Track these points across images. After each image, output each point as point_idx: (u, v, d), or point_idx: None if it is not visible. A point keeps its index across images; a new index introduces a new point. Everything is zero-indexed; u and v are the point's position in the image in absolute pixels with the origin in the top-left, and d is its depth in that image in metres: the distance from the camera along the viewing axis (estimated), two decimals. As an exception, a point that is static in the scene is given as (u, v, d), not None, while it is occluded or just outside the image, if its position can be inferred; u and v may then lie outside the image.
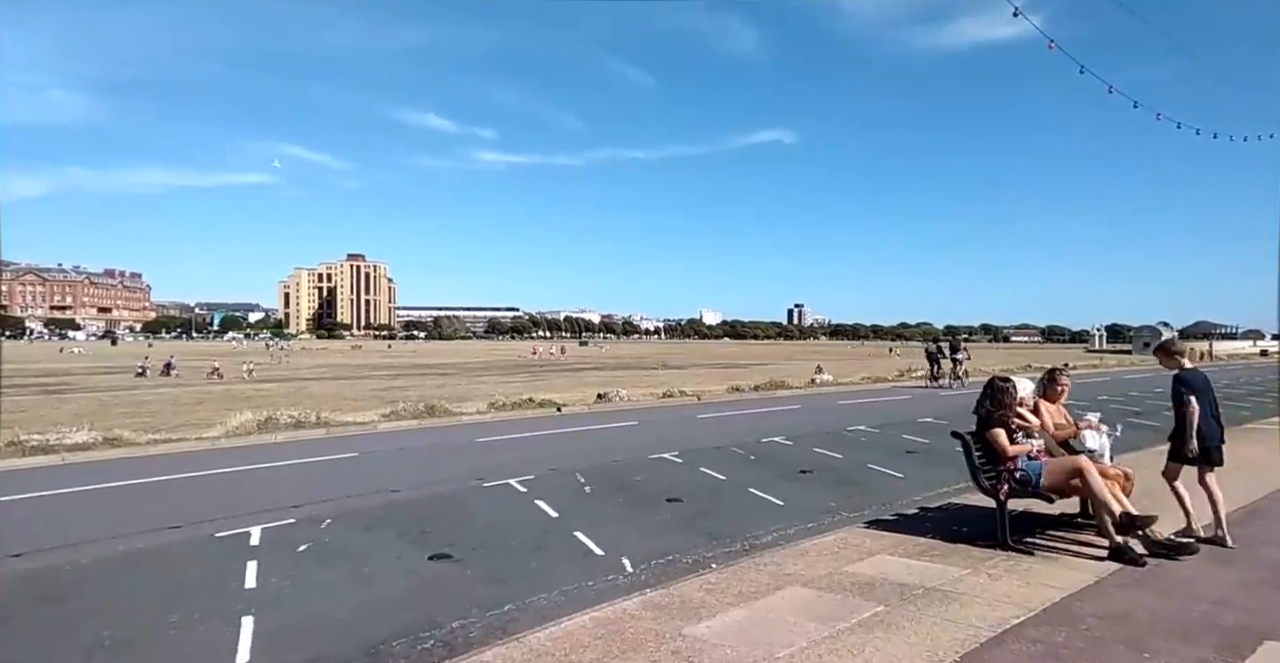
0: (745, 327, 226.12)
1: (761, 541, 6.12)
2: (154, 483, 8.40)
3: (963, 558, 5.06)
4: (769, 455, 10.13)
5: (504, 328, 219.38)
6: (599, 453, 10.40)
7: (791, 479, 8.56)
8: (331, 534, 6.09)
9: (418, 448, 11.07)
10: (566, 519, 6.67)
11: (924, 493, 7.88)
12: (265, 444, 11.63)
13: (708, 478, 8.60)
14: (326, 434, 12.72)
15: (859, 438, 11.85)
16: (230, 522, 6.41)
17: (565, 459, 9.83)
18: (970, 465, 5.52)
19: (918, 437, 11.90)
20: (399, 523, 6.48)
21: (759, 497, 7.65)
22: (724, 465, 9.33)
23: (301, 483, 8.30)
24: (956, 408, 16.56)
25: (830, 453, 10.28)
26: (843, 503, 7.41)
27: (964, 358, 25.30)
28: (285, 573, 5.05)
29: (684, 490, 7.90)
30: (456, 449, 11.05)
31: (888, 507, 7.23)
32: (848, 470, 9.07)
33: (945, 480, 8.51)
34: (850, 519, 6.78)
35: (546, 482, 8.35)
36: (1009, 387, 5.58)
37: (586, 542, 5.95)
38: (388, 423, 13.95)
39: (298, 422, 12.97)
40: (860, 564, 4.98)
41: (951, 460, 10.02)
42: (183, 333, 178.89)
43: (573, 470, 9.01)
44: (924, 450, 10.59)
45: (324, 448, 11.05)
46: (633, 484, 8.22)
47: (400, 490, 7.88)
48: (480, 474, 8.75)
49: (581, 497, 7.63)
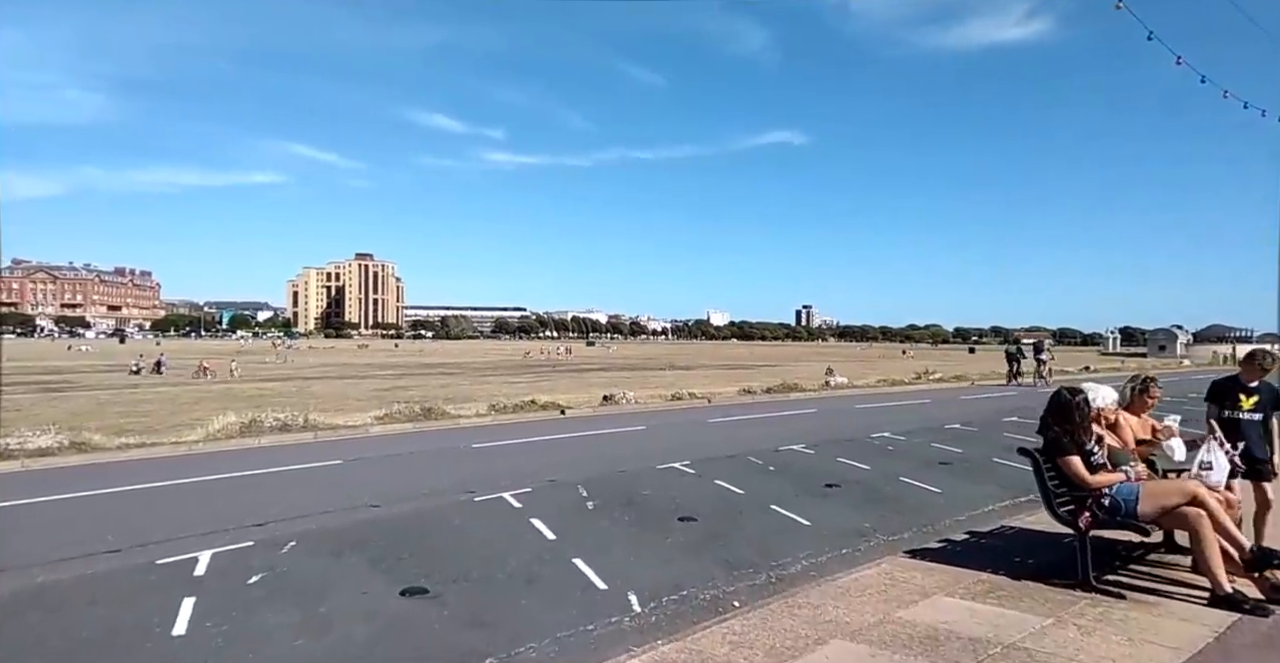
0: (753, 328, 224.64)
1: (789, 571, 5.28)
2: (109, 495, 7.62)
3: (1038, 601, 4.20)
4: (788, 466, 9.26)
5: (511, 328, 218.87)
6: (604, 461, 9.57)
7: (816, 494, 7.70)
8: (292, 561, 5.27)
9: (408, 455, 10.27)
10: (565, 542, 5.84)
11: (967, 512, 7.01)
12: (246, 449, 10.87)
13: (723, 492, 7.75)
14: (314, 438, 11.94)
15: (885, 446, 10.96)
16: (179, 545, 5.61)
17: (567, 469, 9.00)
18: (1042, 489, 4.66)
19: (948, 445, 11.00)
20: (373, 547, 5.66)
21: (781, 515, 6.80)
22: (740, 477, 8.48)
23: (273, 495, 7.50)
24: (982, 412, 15.66)
25: (856, 463, 9.41)
26: (877, 524, 6.55)
27: (1048, 358, 26.27)
28: (226, 614, 4.23)
29: (697, 507, 7.06)
30: (450, 456, 10.24)
31: (930, 530, 6.36)
32: (878, 484, 8.20)
33: (987, 497, 7.65)
34: (888, 545, 5.93)
35: (545, 496, 7.53)
36: (1079, 401, 4.66)
37: (587, 572, 5.12)
38: (381, 426, 13.17)
39: (284, 424, 12.21)
40: (915, 608, 4.13)
41: (991, 473, 9.18)
42: (192, 331, 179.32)
43: (574, 482, 8.18)
44: (958, 461, 9.70)
45: (308, 454, 10.26)
46: (640, 499, 7.38)
47: (381, 505, 7.07)
48: (472, 486, 7.94)
49: (583, 514, 6.80)
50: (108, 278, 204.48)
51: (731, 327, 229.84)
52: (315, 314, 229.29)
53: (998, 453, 10.33)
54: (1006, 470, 9.11)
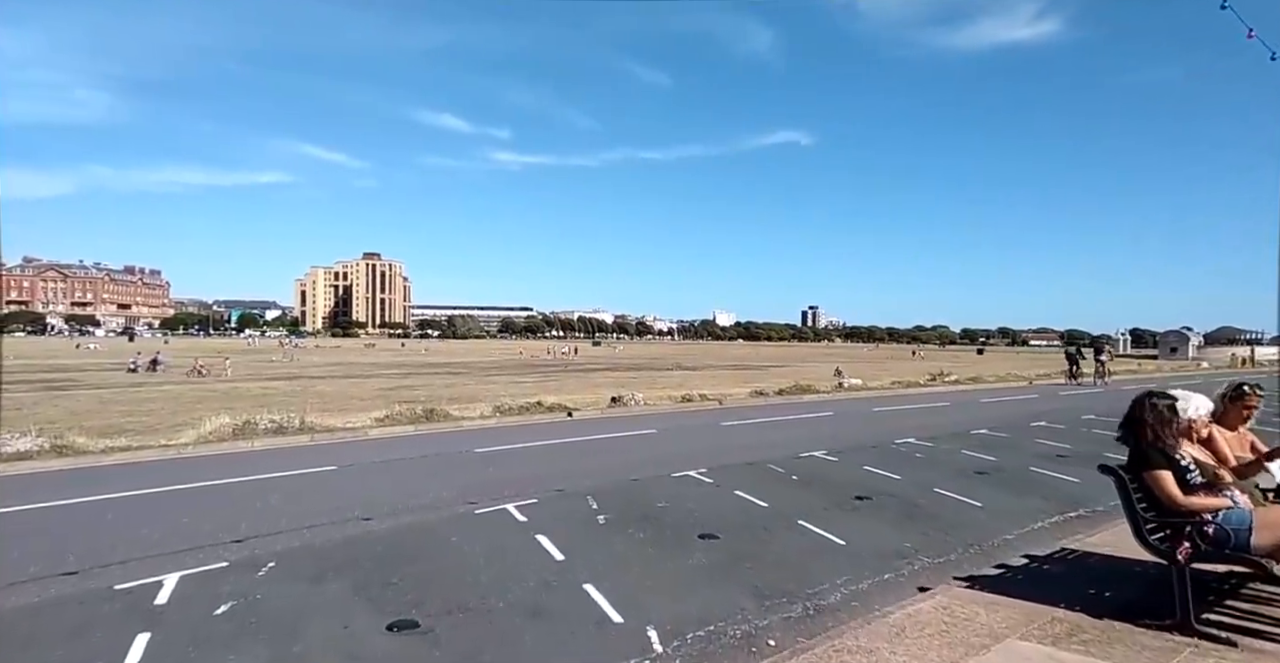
0: (759, 328, 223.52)
1: (828, 600, 4.67)
2: (81, 506, 7.07)
3: (1132, 648, 3.57)
4: (813, 475, 8.64)
5: (517, 327, 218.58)
6: (614, 469, 8.97)
7: (847, 508, 7.08)
8: (268, 587, 4.69)
9: (407, 460, 9.70)
10: (575, 564, 5.24)
11: (1015, 530, 6.37)
12: (238, 453, 10.32)
13: (745, 505, 7.14)
14: (310, 441, 11.40)
15: (913, 454, 10.31)
16: (144, 566, 5.05)
17: (575, 477, 8.41)
18: (1129, 513, 4.01)
19: (980, 453, 10.35)
20: (360, 568, 5.08)
21: (812, 533, 6.18)
22: (762, 488, 7.87)
23: (258, 506, 6.93)
24: (1006, 416, 14.98)
25: (884, 473, 8.78)
26: (918, 544, 5.92)
27: (1106, 359, 27.64)
28: (182, 655, 3.66)
29: (719, 522, 6.45)
30: (451, 462, 9.67)
31: (979, 551, 5.73)
32: (912, 497, 7.57)
33: (1033, 512, 7.00)
34: (934, 569, 5.31)
35: (552, 508, 6.93)
36: (1167, 408, 3.99)
37: (600, 601, 4.53)
38: (380, 428, 12.62)
39: (279, 426, 11.67)
40: (987, 656, 3.51)
41: (1032, 484, 8.36)
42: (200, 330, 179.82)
43: (584, 492, 7.59)
44: (994, 471, 9.05)
45: (301, 459, 9.71)
46: (655, 513, 6.78)
47: (373, 518, 6.49)
48: (474, 496, 7.36)
49: (593, 530, 6.20)
50: (117, 276, 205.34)
51: (737, 327, 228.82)
52: (323, 313, 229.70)
53: (1034, 461, 9.68)
54: (1048, 481, 8.46)
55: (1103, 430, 13.13)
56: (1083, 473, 8.93)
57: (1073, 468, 9.25)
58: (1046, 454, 10.32)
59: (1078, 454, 10.36)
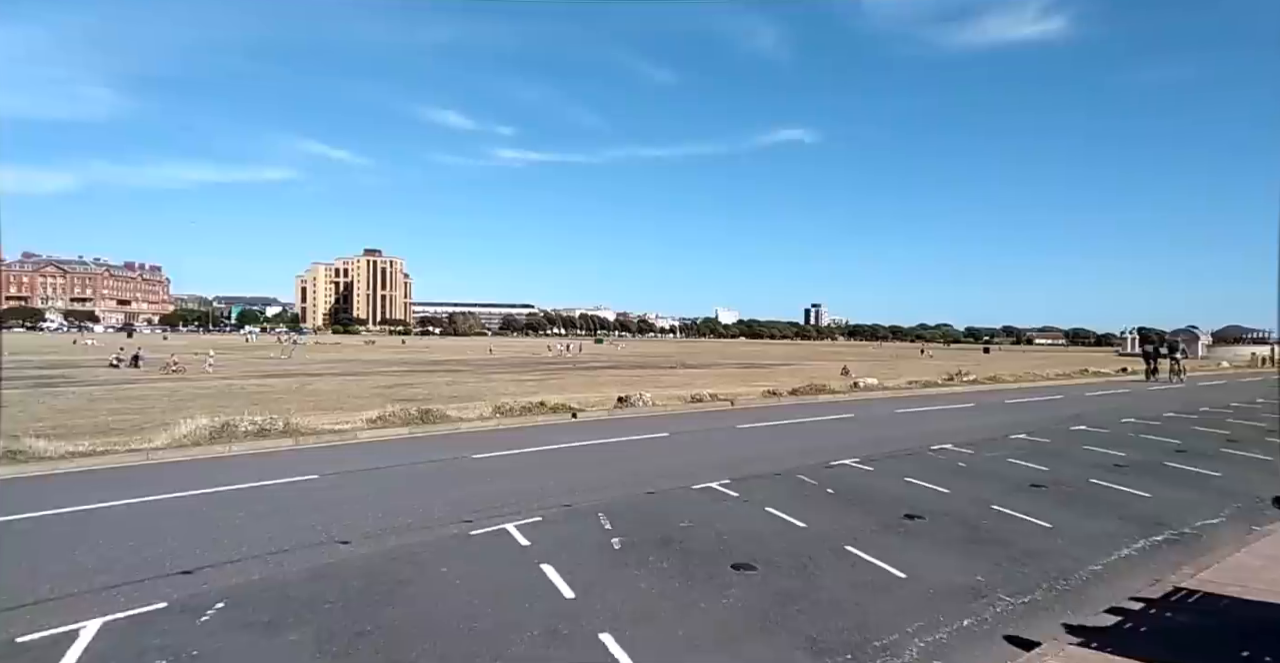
0: (761, 326, 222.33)
1: (903, 658, 3.75)
2: (17, 525, 6.15)
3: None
4: (851, 489, 7.72)
5: (519, 325, 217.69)
6: (627, 479, 8.06)
7: (898, 530, 6.15)
8: (208, 638, 3.78)
9: (398, 468, 8.78)
10: (588, 605, 4.33)
11: (1101, 560, 5.45)
12: (212, 458, 9.42)
13: (780, 525, 6.22)
14: (294, 445, 10.49)
15: (955, 463, 9.38)
16: (64, 608, 4.14)
17: (584, 489, 7.50)
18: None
19: (1028, 462, 9.41)
20: (327, 612, 4.17)
21: (865, 562, 5.26)
22: (795, 503, 6.95)
23: (219, 526, 6.02)
24: (1040, 419, 14.03)
25: (930, 485, 7.85)
26: (993, 577, 5.00)
27: (1181, 357, 28.66)
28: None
29: (753, 548, 5.53)
30: (447, 470, 8.75)
31: (1067, 588, 4.81)
32: (969, 516, 6.64)
33: (1113, 537, 6.07)
34: (1021, 611, 4.40)
35: (558, 528, 6.02)
36: None
37: (621, 658, 3.62)
38: (372, 431, 11.71)
39: (261, 428, 10.76)
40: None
41: (1098, 500, 7.36)
42: (200, 326, 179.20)
43: (594, 508, 6.68)
44: (1051, 484, 8.12)
45: (281, 465, 8.80)
46: (679, 535, 5.86)
47: (351, 541, 5.58)
48: (469, 512, 6.45)
49: (608, 558, 5.28)
50: (117, 272, 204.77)
51: (740, 325, 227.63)
52: (324, 310, 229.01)
53: (1091, 472, 8.75)
54: (1116, 497, 7.53)
55: (1150, 435, 12.21)
56: (1149, 486, 8.02)
57: (1137, 479, 8.33)
58: (1102, 464, 9.39)
59: (1136, 464, 9.43)
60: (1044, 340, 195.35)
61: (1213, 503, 7.32)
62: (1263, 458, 10.18)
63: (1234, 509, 7.11)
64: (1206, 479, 8.54)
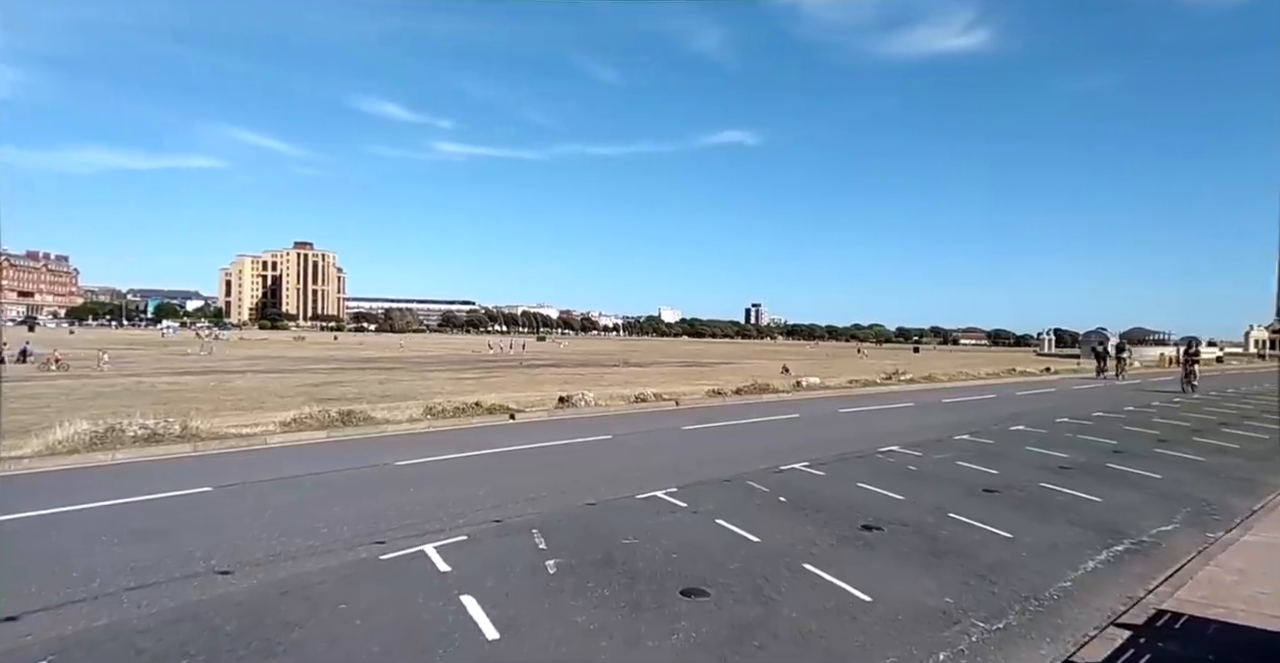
0: (704, 325, 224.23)
1: (879, 703, 3.25)
2: None
3: None
4: (803, 496, 7.28)
5: (459, 322, 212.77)
6: (566, 488, 7.40)
7: (857, 543, 5.72)
8: (14, 717, 2.95)
9: (307, 478, 7.86)
10: (513, 649, 3.68)
11: (1068, 573, 5.15)
12: (90, 468, 8.25)
13: (732, 540, 5.70)
14: (191, 451, 9.38)
15: (904, 466, 9.11)
16: None
17: (517, 500, 6.80)
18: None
19: (976, 464, 9.24)
20: (187, 668, 3.37)
21: (826, 583, 4.78)
22: (747, 514, 6.45)
23: (69, 556, 5.05)
24: (980, 419, 14.06)
25: (883, 492, 7.51)
26: (963, 598, 4.60)
27: (1127, 356, 31.24)
28: None
29: (705, 568, 4.98)
30: (364, 480, 7.88)
31: (1041, 607, 4.46)
32: (927, 525, 6.29)
33: (1074, 546, 5.82)
34: (997, 637, 3.99)
35: (486, 548, 5.32)
36: None
37: (551, 721, 2.98)
38: (284, 434, 10.65)
39: (153, 433, 9.58)
40: None
41: (1050, 505, 7.08)
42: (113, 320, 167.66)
43: (527, 523, 6.00)
44: (1003, 488, 7.90)
45: (170, 477, 7.75)
46: (622, 553, 5.26)
47: (234, 571, 4.73)
48: (383, 531, 5.67)
49: (540, 584, 4.62)
50: (18, 262, 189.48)
51: (683, 324, 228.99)
52: (250, 304, 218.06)
53: (1040, 475, 8.62)
54: (1068, 502, 7.35)
55: (1086, 435, 12.36)
56: (1097, 489, 7.91)
57: (1084, 482, 8.22)
58: (1048, 465, 9.31)
59: (1080, 465, 9.39)
60: (968, 341, 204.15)
61: (1162, 508, 7.22)
62: (1194, 458, 10.35)
63: (1184, 514, 7.01)
64: (1149, 482, 8.52)
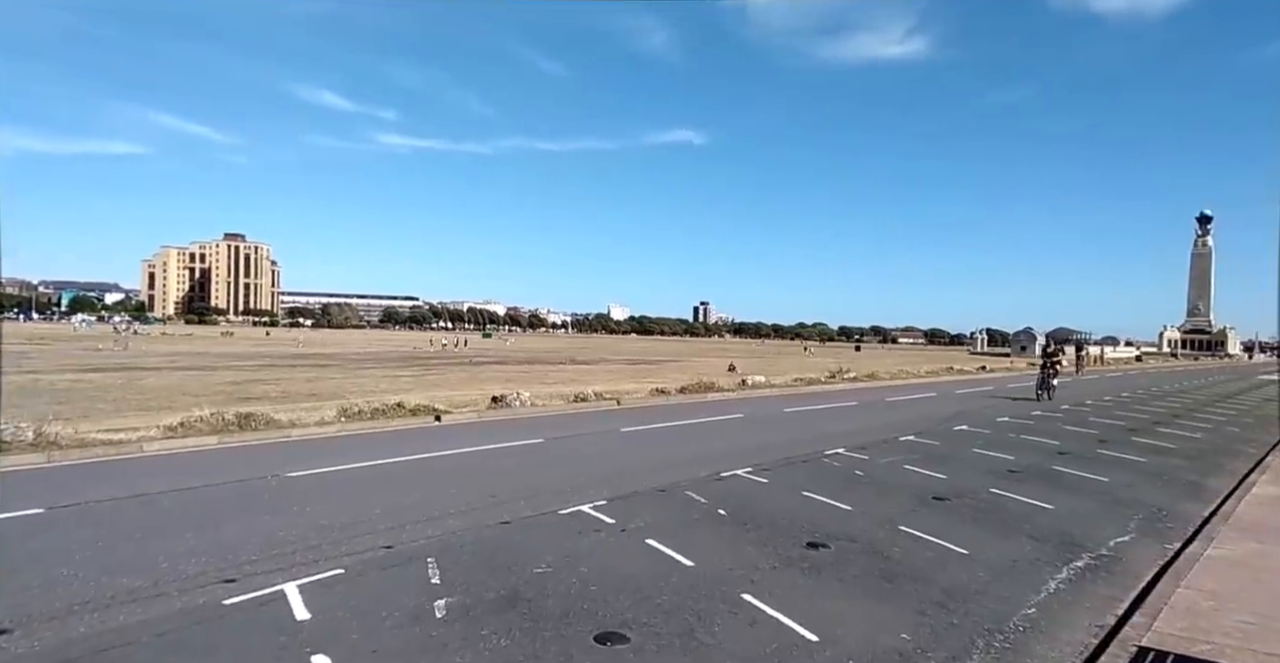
0: (653, 323, 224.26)
1: None
2: None
3: None
4: (745, 508, 6.61)
5: (402, 318, 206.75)
6: (478, 502, 6.53)
7: (801, 565, 5.06)
8: None
9: (171, 495, 6.73)
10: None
11: (1030, 597, 4.61)
12: (-94, 486, 6.91)
13: (663, 565, 4.95)
14: (45, 462, 8.09)
15: (851, 471, 8.58)
16: None
17: (416, 520, 5.90)
18: None
19: (924, 469, 8.79)
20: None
21: (767, 618, 4.09)
22: (682, 532, 5.73)
23: None
24: (923, 418, 13.80)
25: (830, 501, 6.91)
26: (920, 633, 3.98)
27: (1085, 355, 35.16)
28: None
29: (627, 604, 4.22)
30: (242, 496, 6.81)
31: (1007, 644, 3.87)
32: (877, 541, 5.69)
33: (1033, 563, 5.32)
34: (966, 688, 3.36)
35: (361, 587, 4.42)
36: None
37: None
38: (166, 441, 9.39)
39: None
40: None
41: (1002, 515, 6.59)
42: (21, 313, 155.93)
43: (422, 550, 5.12)
44: (953, 496, 7.43)
45: (11, 493, 6.51)
46: (530, 587, 4.44)
47: (13, 630, 3.70)
48: (238, 566, 4.69)
49: (421, 635, 3.77)
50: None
51: (631, 321, 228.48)
52: (176, 298, 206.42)
53: (990, 480, 8.22)
54: (1021, 510, 6.91)
55: (1029, 436, 12.19)
56: (1048, 495, 7.52)
57: (1034, 488, 7.85)
58: (996, 470, 8.94)
59: (1027, 469, 9.07)
60: (907, 340, 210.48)
61: (1115, 516, 6.86)
62: (1135, 459, 10.23)
63: (1138, 522, 6.67)
64: (1097, 486, 8.24)
